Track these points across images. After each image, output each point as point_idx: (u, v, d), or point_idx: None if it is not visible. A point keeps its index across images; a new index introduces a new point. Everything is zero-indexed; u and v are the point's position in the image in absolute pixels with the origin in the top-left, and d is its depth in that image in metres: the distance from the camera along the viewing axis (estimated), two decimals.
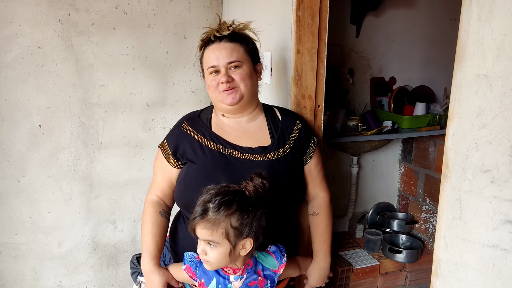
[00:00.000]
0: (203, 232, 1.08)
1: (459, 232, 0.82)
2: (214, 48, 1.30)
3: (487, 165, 0.75)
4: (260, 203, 1.12)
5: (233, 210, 1.07)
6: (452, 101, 0.83)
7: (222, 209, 1.06)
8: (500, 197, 0.74)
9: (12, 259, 2.32)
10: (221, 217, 1.06)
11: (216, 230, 1.06)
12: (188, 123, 1.39)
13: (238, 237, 1.08)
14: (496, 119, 0.73)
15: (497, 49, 0.73)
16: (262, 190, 1.13)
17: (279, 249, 1.22)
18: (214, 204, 1.07)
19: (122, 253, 2.53)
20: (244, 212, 1.08)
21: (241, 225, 1.07)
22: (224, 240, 1.07)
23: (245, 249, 1.11)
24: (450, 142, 0.84)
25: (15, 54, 2.11)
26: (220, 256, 1.08)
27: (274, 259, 1.20)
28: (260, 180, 1.13)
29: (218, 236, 1.06)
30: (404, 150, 2.93)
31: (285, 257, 1.20)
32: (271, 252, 1.21)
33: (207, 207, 1.08)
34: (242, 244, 1.10)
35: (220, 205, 1.07)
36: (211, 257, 1.09)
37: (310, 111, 1.62)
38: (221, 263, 1.11)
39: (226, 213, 1.06)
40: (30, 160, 2.25)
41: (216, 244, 1.07)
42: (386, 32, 2.72)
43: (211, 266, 1.12)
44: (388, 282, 2.66)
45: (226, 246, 1.08)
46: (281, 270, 1.20)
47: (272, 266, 1.20)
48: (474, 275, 0.80)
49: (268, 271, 1.19)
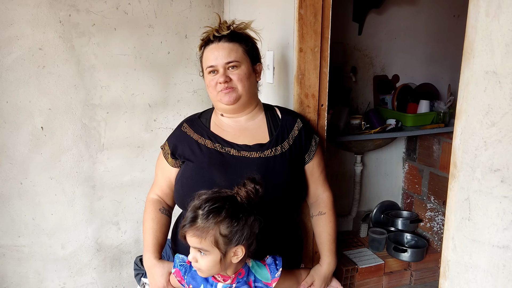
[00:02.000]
0: (192, 239, 1.06)
1: (468, 233, 0.80)
2: (213, 48, 1.30)
3: (497, 164, 0.74)
4: (253, 208, 1.10)
5: (222, 217, 1.04)
6: (459, 99, 0.81)
7: (211, 216, 1.04)
8: (511, 196, 0.72)
9: (15, 261, 2.31)
10: (210, 224, 1.03)
11: (205, 238, 1.04)
12: (188, 124, 1.42)
13: (228, 244, 1.05)
14: (506, 117, 0.72)
15: (506, 45, 0.71)
16: (254, 196, 1.10)
17: (275, 262, 1.19)
18: (204, 211, 1.05)
19: (125, 254, 2.52)
20: (234, 219, 1.05)
21: (231, 232, 1.04)
22: (213, 248, 1.04)
23: (236, 257, 1.08)
24: (458, 140, 0.82)
25: (16, 56, 2.10)
26: (210, 264, 1.06)
27: (268, 272, 1.17)
28: (253, 185, 1.10)
29: (208, 244, 1.04)
30: (408, 148, 2.91)
31: (279, 271, 1.17)
32: (267, 263, 1.19)
33: (196, 214, 1.06)
34: (233, 251, 1.07)
35: (209, 213, 1.04)
36: (202, 264, 1.07)
37: (313, 110, 1.60)
38: (212, 271, 1.08)
39: (215, 220, 1.04)
40: (32, 162, 2.24)
41: (206, 252, 1.05)
42: (389, 29, 2.70)
43: (203, 273, 1.10)
44: (393, 281, 2.64)
45: (216, 254, 1.05)
46: (273, 284, 1.17)
47: (265, 278, 1.17)
48: (483, 277, 0.78)
49: (260, 283, 1.16)
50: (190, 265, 1.18)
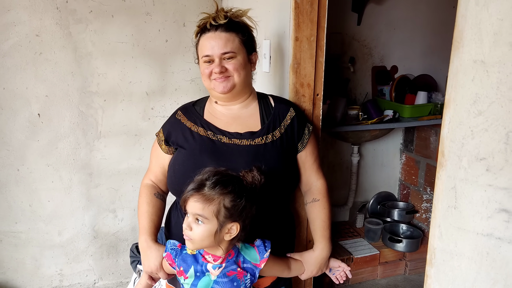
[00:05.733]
0: (195, 205, 1.07)
1: (454, 221, 0.81)
2: (209, 37, 1.30)
3: (483, 153, 0.74)
4: (255, 194, 1.12)
5: (229, 190, 1.07)
6: (448, 88, 0.82)
7: (218, 187, 1.07)
8: (495, 185, 0.72)
9: (12, 247, 2.33)
10: (216, 194, 1.06)
11: (209, 205, 1.06)
12: (182, 112, 1.43)
13: (227, 218, 1.07)
14: (493, 106, 0.72)
15: (495, 35, 0.71)
16: (258, 183, 1.13)
17: (264, 244, 1.21)
18: (211, 181, 1.08)
19: (122, 242, 2.54)
20: (238, 196, 1.08)
21: (233, 207, 1.07)
22: (213, 217, 1.06)
23: (229, 234, 1.10)
24: (446, 130, 0.82)
25: (13, 42, 2.10)
26: (205, 234, 1.07)
27: (257, 253, 1.19)
28: (259, 173, 1.14)
29: (209, 212, 1.06)
30: (405, 140, 2.91)
31: (267, 252, 1.19)
32: (256, 245, 1.21)
33: (203, 183, 1.08)
34: (228, 227, 1.09)
35: (217, 183, 1.07)
36: (196, 233, 1.08)
37: (308, 99, 1.60)
38: (204, 242, 1.10)
39: (221, 191, 1.07)
40: (29, 149, 2.25)
41: (205, 220, 1.07)
42: (388, 20, 2.68)
43: (193, 244, 1.10)
44: (388, 271, 2.66)
45: (213, 224, 1.07)
46: (262, 264, 1.19)
47: (254, 259, 1.19)
48: (468, 264, 0.79)
49: (249, 264, 1.18)
50: (181, 249, 1.20)
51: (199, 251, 1.18)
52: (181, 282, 1.21)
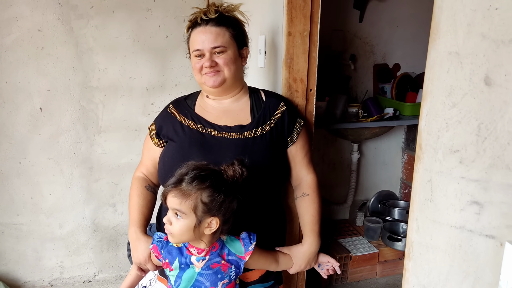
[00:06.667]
0: (173, 200, 1.08)
1: (429, 214, 0.80)
2: (200, 31, 1.31)
3: (456, 145, 0.74)
4: (236, 188, 1.12)
5: (206, 185, 1.07)
6: (426, 80, 0.81)
7: (195, 182, 1.07)
8: (468, 177, 0.72)
9: (14, 239, 2.37)
10: (193, 189, 1.07)
11: (186, 201, 1.07)
12: (174, 105, 1.44)
13: (205, 213, 1.08)
14: (466, 97, 0.71)
15: (468, 25, 0.70)
16: (239, 177, 1.13)
17: (249, 236, 1.21)
18: (189, 176, 1.08)
19: (122, 235, 2.56)
20: (216, 191, 1.08)
21: (211, 202, 1.08)
22: (191, 212, 1.07)
23: (209, 228, 1.11)
24: (424, 122, 0.82)
25: (15, 37, 2.13)
26: (183, 229, 1.09)
27: (242, 246, 1.19)
28: (240, 167, 1.14)
29: (186, 207, 1.07)
30: (407, 138, 2.89)
31: (253, 245, 1.19)
32: (241, 238, 1.21)
33: (182, 178, 1.09)
34: (208, 222, 1.10)
35: (195, 178, 1.08)
36: (175, 228, 1.09)
37: (301, 95, 1.60)
38: (184, 237, 1.11)
39: (198, 186, 1.07)
40: (31, 143, 2.28)
41: (183, 215, 1.08)
42: (391, 17, 2.67)
43: (174, 238, 1.12)
44: (387, 270, 2.65)
45: (191, 219, 1.08)
46: (247, 257, 1.19)
47: (238, 252, 1.19)
48: (442, 257, 0.78)
49: (234, 256, 1.18)
50: (167, 241, 1.21)
51: (184, 244, 1.19)
52: (167, 273, 1.22)
